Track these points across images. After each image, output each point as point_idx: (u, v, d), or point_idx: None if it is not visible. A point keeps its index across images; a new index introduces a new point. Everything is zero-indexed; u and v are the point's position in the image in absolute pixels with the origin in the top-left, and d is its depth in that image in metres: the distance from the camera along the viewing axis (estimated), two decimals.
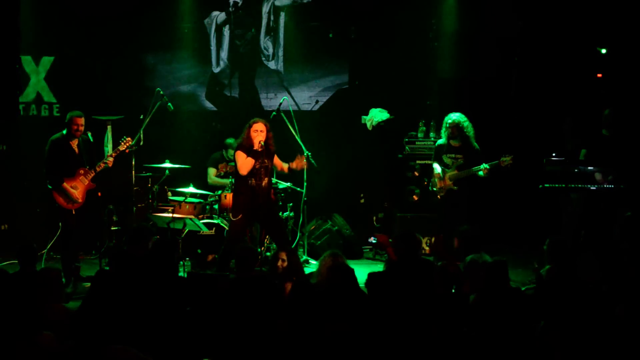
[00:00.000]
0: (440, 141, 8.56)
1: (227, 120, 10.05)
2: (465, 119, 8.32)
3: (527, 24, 6.17)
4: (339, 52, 10.29)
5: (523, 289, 6.77)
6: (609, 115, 8.05)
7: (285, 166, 7.77)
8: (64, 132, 7.96)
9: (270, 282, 5.48)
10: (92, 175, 7.95)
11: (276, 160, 7.74)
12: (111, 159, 8.02)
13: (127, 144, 8.17)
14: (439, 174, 8.36)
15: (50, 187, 7.91)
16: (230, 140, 9.18)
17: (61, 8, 9.64)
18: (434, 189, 8.50)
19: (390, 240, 6.55)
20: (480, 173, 8.17)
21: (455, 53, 10.15)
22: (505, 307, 4.44)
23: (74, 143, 7.97)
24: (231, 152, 9.14)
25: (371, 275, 5.15)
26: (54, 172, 7.87)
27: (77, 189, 7.93)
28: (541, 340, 4.42)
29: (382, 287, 4.94)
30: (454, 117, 8.30)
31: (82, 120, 7.91)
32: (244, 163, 7.48)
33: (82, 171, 7.93)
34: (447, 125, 8.31)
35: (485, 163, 8.12)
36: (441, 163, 8.41)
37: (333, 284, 5.19)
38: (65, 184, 7.85)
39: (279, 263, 6.09)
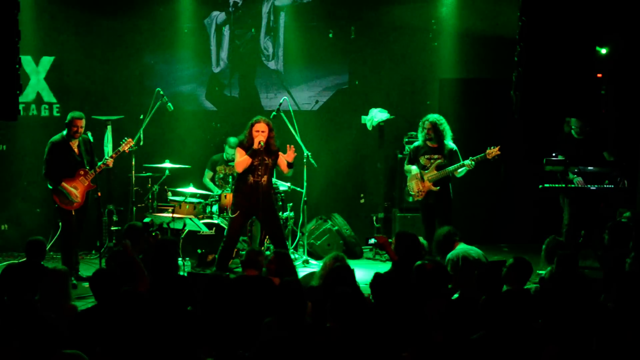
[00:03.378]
0: (416, 143, 8.45)
1: (227, 120, 10.05)
2: (443, 119, 8.21)
3: (527, 24, 6.16)
4: (339, 52, 10.29)
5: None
6: (579, 122, 8.13)
7: (284, 165, 7.77)
8: (64, 133, 7.96)
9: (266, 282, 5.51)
10: (92, 176, 7.96)
11: (280, 160, 7.74)
12: (111, 160, 8.04)
13: (129, 145, 8.18)
14: (418, 174, 8.19)
15: (50, 187, 7.93)
16: (232, 139, 9.20)
17: (61, 8, 9.63)
18: (411, 193, 8.32)
19: (390, 240, 6.54)
20: (465, 169, 8.01)
21: (455, 53, 10.16)
22: (514, 308, 4.43)
23: (74, 144, 7.98)
24: (229, 149, 9.17)
25: (377, 276, 5.16)
26: (52, 174, 7.89)
27: (77, 189, 7.94)
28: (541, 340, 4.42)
29: (387, 287, 4.94)
30: (431, 118, 8.19)
31: (82, 122, 7.93)
32: (241, 161, 7.55)
33: (82, 172, 7.95)
34: (424, 126, 8.20)
35: (471, 157, 7.99)
36: (418, 165, 8.26)
37: (331, 285, 5.20)
38: (64, 184, 7.86)
39: (267, 264, 6.06)
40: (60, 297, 5.13)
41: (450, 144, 8.17)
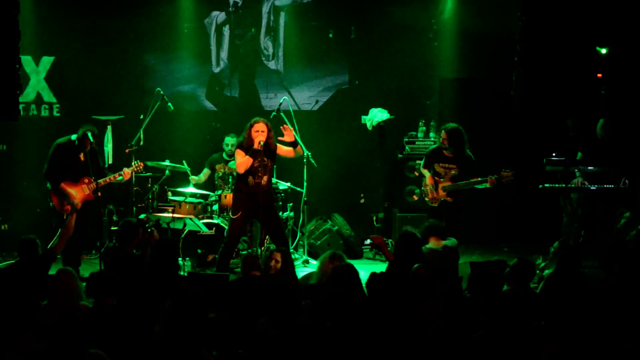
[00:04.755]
0: (433, 146, 8.42)
1: (227, 120, 10.04)
2: (461, 129, 8.10)
3: (527, 24, 6.16)
4: (339, 52, 10.29)
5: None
6: (605, 123, 8.09)
7: (288, 149, 7.78)
8: (73, 137, 7.93)
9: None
10: (94, 187, 7.92)
11: (280, 150, 7.74)
12: (128, 172, 8.05)
13: (139, 168, 8.20)
14: (432, 182, 8.14)
15: (49, 187, 7.92)
16: (228, 138, 9.20)
17: (61, 8, 9.63)
18: (425, 198, 8.29)
19: (388, 240, 6.55)
20: (487, 184, 7.98)
21: (455, 53, 10.15)
22: (514, 308, 4.44)
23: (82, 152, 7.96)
24: (229, 140, 9.18)
25: (373, 275, 5.16)
26: (52, 174, 7.87)
27: (77, 195, 7.92)
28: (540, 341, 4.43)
29: (383, 286, 4.95)
30: (449, 127, 8.10)
31: (95, 135, 7.93)
32: (242, 162, 7.55)
33: (86, 180, 7.93)
34: (441, 135, 8.14)
35: (491, 176, 7.94)
36: (433, 171, 8.23)
37: (337, 283, 5.21)
38: (63, 185, 7.85)
39: (272, 263, 6.10)
40: (72, 297, 5.14)
41: (467, 152, 8.11)
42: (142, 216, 8.30)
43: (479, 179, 7.94)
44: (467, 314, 4.89)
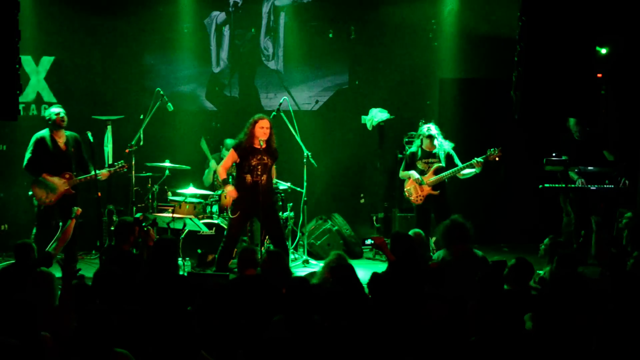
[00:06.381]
0: (411, 149, 8.48)
1: (227, 120, 10.05)
2: (436, 125, 8.33)
3: (527, 24, 6.17)
4: (339, 52, 10.30)
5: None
6: (577, 125, 8.18)
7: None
8: (48, 127, 7.93)
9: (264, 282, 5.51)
10: (75, 182, 7.88)
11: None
12: (107, 174, 8.01)
13: (122, 169, 8.17)
14: (417, 178, 8.23)
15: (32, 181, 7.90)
16: (229, 141, 9.20)
17: (61, 8, 9.64)
18: (410, 198, 8.40)
19: (386, 240, 6.55)
20: (473, 172, 8.04)
21: (455, 53, 10.16)
22: (509, 309, 4.44)
23: (61, 139, 7.92)
24: (226, 153, 9.18)
25: (374, 276, 5.16)
26: (33, 166, 7.84)
27: (57, 187, 7.87)
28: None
29: (384, 287, 4.95)
30: (432, 128, 8.22)
31: (61, 112, 7.87)
32: (221, 170, 7.62)
33: (67, 175, 7.89)
34: (425, 136, 8.21)
35: (476, 158, 8.00)
36: (416, 170, 8.32)
37: (334, 282, 5.21)
38: (45, 175, 7.81)
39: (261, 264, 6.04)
40: (48, 298, 5.14)
41: (445, 147, 8.19)
42: (137, 215, 8.29)
43: (465, 164, 8.01)
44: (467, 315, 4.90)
